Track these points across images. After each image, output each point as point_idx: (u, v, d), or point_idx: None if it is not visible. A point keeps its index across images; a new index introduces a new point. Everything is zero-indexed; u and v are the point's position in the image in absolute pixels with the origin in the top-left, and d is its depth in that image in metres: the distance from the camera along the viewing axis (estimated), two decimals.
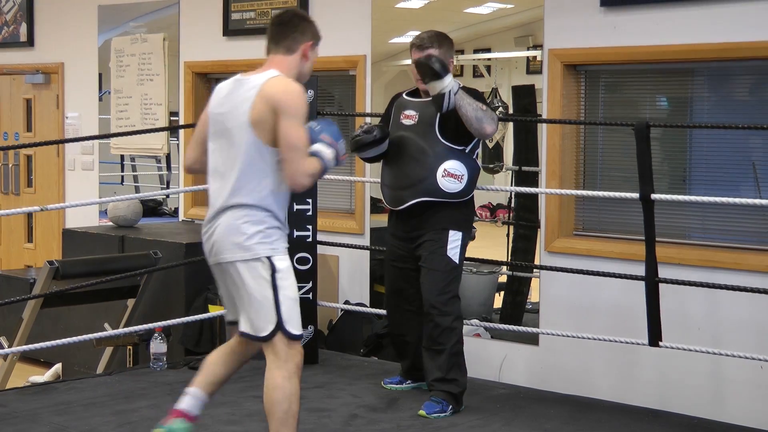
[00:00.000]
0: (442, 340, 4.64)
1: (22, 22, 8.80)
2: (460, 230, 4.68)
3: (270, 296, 3.59)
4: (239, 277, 3.64)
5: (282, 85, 3.64)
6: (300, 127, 3.60)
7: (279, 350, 3.59)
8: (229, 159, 3.67)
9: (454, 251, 4.66)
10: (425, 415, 4.61)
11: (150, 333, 5.52)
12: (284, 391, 3.56)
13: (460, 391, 4.70)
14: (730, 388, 5.03)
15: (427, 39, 4.72)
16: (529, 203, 6.04)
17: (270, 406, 3.58)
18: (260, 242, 3.62)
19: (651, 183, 4.59)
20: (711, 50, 5.05)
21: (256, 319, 3.61)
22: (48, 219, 8.66)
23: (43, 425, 4.47)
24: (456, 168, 4.62)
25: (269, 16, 6.98)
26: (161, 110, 7.67)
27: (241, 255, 3.63)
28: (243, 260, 3.63)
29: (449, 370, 4.65)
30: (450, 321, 4.63)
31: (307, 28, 3.84)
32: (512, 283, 6.21)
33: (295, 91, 3.63)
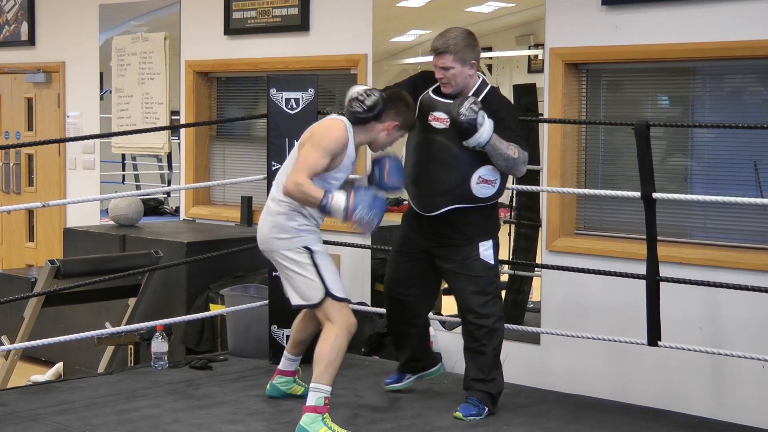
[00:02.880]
0: (485, 341, 4.60)
1: (23, 21, 8.80)
2: (489, 237, 4.66)
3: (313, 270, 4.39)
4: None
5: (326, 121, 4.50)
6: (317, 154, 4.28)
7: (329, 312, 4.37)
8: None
9: (487, 253, 4.63)
10: (462, 418, 4.58)
11: (151, 332, 5.52)
12: (332, 344, 4.28)
13: (498, 391, 4.68)
14: (731, 388, 5.03)
15: (442, 44, 4.55)
16: (530, 202, 6.04)
17: (318, 356, 4.29)
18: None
19: (652, 182, 4.58)
20: (712, 49, 5.05)
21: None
22: (49, 218, 8.67)
23: (44, 424, 4.48)
24: (490, 174, 4.56)
25: (270, 14, 6.99)
26: (162, 109, 7.67)
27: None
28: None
29: (490, 370, 4.63)
30: (492, 322, 4.60)
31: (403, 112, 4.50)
32: (513, 282, 6.20)
33: (334, 126, 4.39)
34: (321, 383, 4.26)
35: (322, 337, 4.35)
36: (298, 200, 4.32)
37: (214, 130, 7.66)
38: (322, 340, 4.33)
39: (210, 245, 6.39)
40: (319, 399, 4.23)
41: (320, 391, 4.25)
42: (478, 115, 4.38)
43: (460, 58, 4.55)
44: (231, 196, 7.44)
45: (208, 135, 7.62)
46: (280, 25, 6.94)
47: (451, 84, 4.59)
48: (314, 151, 4.29)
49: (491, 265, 4.64)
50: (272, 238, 4.42)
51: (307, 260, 4.38)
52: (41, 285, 5.81)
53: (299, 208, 4.38)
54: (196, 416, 4.62)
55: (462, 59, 4.55)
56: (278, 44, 6.96)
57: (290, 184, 4.28)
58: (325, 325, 4.38)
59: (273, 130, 5.56)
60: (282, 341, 5.47)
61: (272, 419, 4.59)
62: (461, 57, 4.55)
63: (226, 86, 7.57)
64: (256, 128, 7.34)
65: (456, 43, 4.55)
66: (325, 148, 4.30)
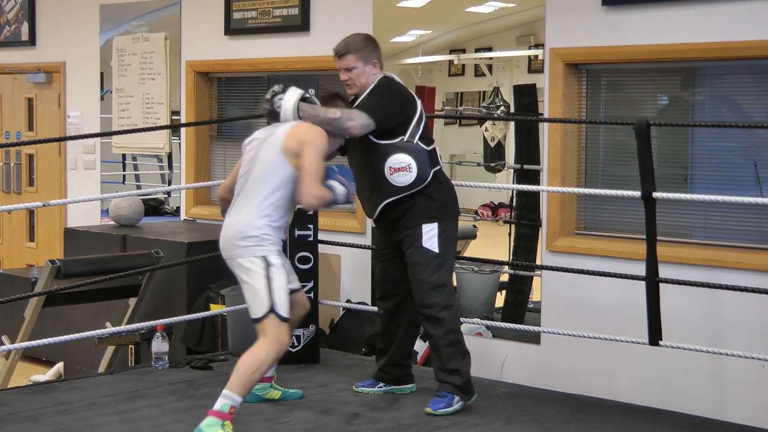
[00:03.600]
0: (431, 331, 4.64)
1: (23, 21, 8.81)
2: (434, 221, 4.66)
3: (263, 283, 4.29)
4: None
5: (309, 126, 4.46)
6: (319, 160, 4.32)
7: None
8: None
9: (430, 241, 4.63)
10: (432, 413, 4.60)
11: (151, 332, 5.52)
12: (257, 358, 4.22)
13: (463, 381, 4.68)
14: (731, 388, 5.03)
15: (342, 47, 4.75)
16: (530, 202, 6.04)
17: (241, 365, 4.20)
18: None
19: (652, 182, 4.58)
20: (712, 49, 5.05)
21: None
22: (50, 218, 8.67)
23: (44, 424, 4.48)
24: (399, 160, 4.61)
25: (270, 15, 6.99)
26: (163, 109, 7.67)
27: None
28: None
29: (449, 360, 4.63)
30: (436, 311, 4.61)
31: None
32: (514, 282, 6.21)
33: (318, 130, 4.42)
34: (233, 392, 4.18)
35: (252, 349, 4.26)
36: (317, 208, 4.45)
37: (214, 130, 7.67)
38: (250, 352, 4.25)
39: (210, 245, 6.35)
40: (225, 406, 4.17)
41: (229, 399, 4.18)
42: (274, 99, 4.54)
43: (361, 57, 4.72)
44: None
45: (208, 135, 7.62)
46: (281, 26, 6.94)
47: (356, 84, 4.74)
48: (318, 159, 4.32)
49: (435, 253, 4.64)
50: (234, 246, 4.33)
51: (260, 270, 4.29)
52: (42, 285, 5.81)
53: (272, 220, 4.34)
54: (196, 416, 4.61)
55: (364, 58, 4.73)
56: (278, 44, 6.96)
57: (313, 199, 4.30)
58: (259, 338, 4.29)
59: None
60: None
61: (272, 419, 4.59)
62: (363, 56, 4.73)
63: (227, 86, 7.57)
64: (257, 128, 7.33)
65: (356, 44, 4.76)
66: (322, 152, 4.37)
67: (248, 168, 4.47)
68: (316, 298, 5.61)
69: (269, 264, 4.29)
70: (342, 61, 4.75)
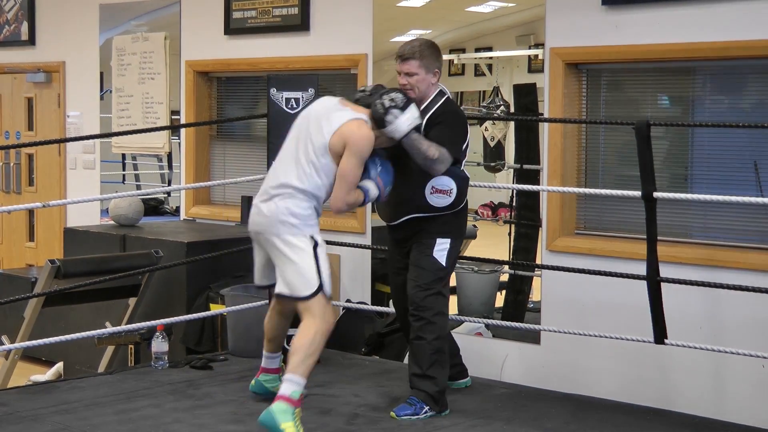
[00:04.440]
0: (421, 333, 4.60)
1: (23, 20, 8.80)
2: (448, 236, 4.67)
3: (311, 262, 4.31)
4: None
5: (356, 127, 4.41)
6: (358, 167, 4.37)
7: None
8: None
9: (440, 254, 4.65)
10: (394, 417, 4.58)
11: (151, 332, 5.52)
12: (312, 339, 4.23)
13: (438, 390, 4.63)
14: (731, 388, 5.03)
15: (408, 50, 4.65)
16: (530, 202, 6.04)
17: (296, 347, 4.23)
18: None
19: (653, 181, 4.58)
20: (712, 49, 5.05)
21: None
22: (49, 218, 8.67)
23: (44, 424, 4.48)
24: (443, 183, 4.61)
25: (270, 14, 6.99)
26: (162, 109, 7.67)
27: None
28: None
29: (429, 366, 4.60)
30: (431, 314, 4.60)
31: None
32: (514, 282, 6.20)
33: (369, 136, 4.39)
34: (297, 374, 4.20)
35: (301, 330, 4.27)
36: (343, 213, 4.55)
37: (214, 129, 7.67)
38: (301, 334, 4.26)
39: (210, 245, 6.39)
40: (294, 393, 4.18)
41: (296, 385, 4.19)
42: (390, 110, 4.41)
43: (425, 65, 4.64)
44: (231, 196, 7.44)
45: (208, 135, 7.62)
46: (280, 25, 6.94)
47: (414, 90, 4.65)
48: (356, 166, 4.36)
49: (441, 265, 4.65)
50: (279, 221, 4.32)
51: (308, 249, 4.31)
52: (41, 285, 5.81)
53: (314, 201, 4.37)
54: (196, 416, 4.62)
55: (427, 66, 4.64)
56: (278, 44, 6.96)
57: (342, 205, 4.40)
58: (305, 318, 4.30)
59: (273, 130, 5.56)
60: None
61: None
62: (426, 64, 4.64)
63: (226, 86, 7.57)
64: (256, 128, 7.35)
65: (422, 50, 4.65)
66: (363, 159, 4.40)
67: (297, 142, 4.46)
68: None
69: (317, 243, 4.33)
70: (404, 65, 4.65)
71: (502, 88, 6.30)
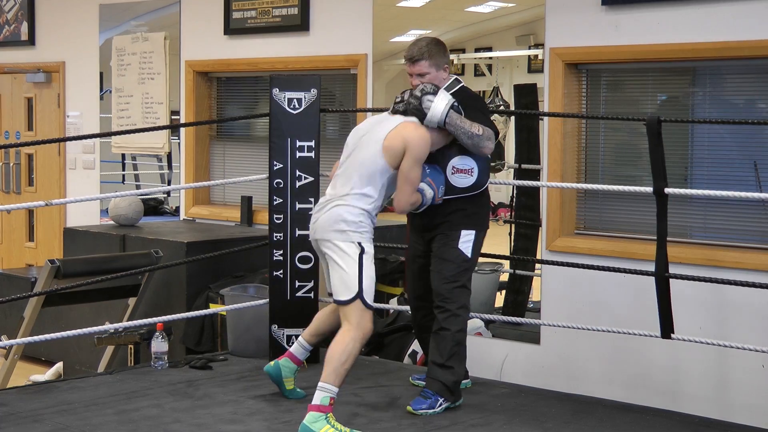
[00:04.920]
0: (446, 325, 4.63)
1: (23, 21, 8.80)
2: (473, 228, 4.71)
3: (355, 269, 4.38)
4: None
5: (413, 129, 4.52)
6: (418, 169, 4.47)
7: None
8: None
9: (465, 245, 4.69)
10: (412, 412, 4.60)
11: (151, 332, 5.52)
12: (345, 347, 4.30)
13: (455, 380, 4.68)
14: (731, 388, 5.03)
15: (417, 52, 4.72)
16: (530, 202, 6.04)
17: (330, 356, 4.30)
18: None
19: (664, 177, 4.57)
20: (712, 49, 5.05)
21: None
22: (49, 218, 8.67)
23: (44, 424, 4.47)
24: (464, 163, 4.65)
25: (270, 14, 6.99)
26: (162, 109, 7.67)
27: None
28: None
29: (450, 357, 4.64)
30: (455, 307, 4.64)
31: None
32: (514, 282, 6.21)
33: (426, 138, 4.50)
34: (329, 383, 4.27)
35: (337, 338, 4.36)
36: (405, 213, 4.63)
37: (214, 129, 7.67)
38: (336, 341, 4.34)
39: (210, 245, 6.39)
40: (324, 398, 4.24)
41: (327, 391, 4.26)
42: (424, 97, 4.54)
43: (434, 63, 4.70)
44: (231, 196, 7.44)
45: (208, 135, 7.62)
46: (280, 25, 6.94)
47: None
48: (416, 167, 4.46)
49: (466, 257, 4.69)
50: (331, 229, 4.41)
51: (354, 256, 4.37)
52: (41, 285, 5.81)
53: (367, 207, 4.44)
54: (196, 416, 4.62)
55: (436, 64, 4.70)
56: (278, 44, 6.96)
57: (406, 206, 4.50)
58: (342, 324, 4.39)
59: (275, 130, 5.56)
60: (282, 341, 5.47)
61: (272, 419, 4.59)
62: (435, 62, 4.70)
63: (226, 86, 7.57)
64: (256, 128, 7.35)
65: (429, 49, 4.71)
66: (422, 159, 4.49)
67: (349, 156, 4.56)
68: (316, 297, 5.60)
69: (363, 251, 4.39)
70: (415, 67, 4.72)
71: (502, 88, 6.31)
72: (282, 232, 5.50)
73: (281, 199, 5.50)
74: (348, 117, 6.62)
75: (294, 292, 5.52)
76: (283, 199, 5.50)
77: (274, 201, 5.51)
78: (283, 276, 5.49)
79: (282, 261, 5.49)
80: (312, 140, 5.53)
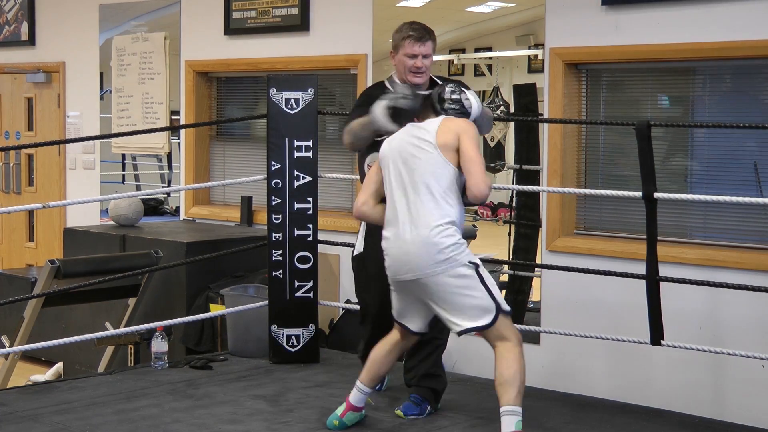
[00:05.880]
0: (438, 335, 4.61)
1: (23, 21, 8.80)
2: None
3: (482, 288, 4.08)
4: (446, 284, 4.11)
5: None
6: (478, 146, 4.17)
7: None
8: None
9: None
10: (402, 416, 4.59)
11: (151, 332, 5.52)
12: (519, 365, 4.09)
13: (443, 387, 4.71)
14: (731, 388, 5.02)
15: (426, 32, 4.60)
16: (530, 202, 6.04)
17: (509, 380, 4.06)
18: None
19: (654, 182, 4.58)
20: (712, 49, 5.05)
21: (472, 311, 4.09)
22: (49, 218, 8.67)
23: (44, 424, 4.48)
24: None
25: (270, 14, 6.99)
26: (162, 109, 7.67)
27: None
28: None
29: (440, 364, 4.67)
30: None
31: None
32: (513, 282, 6.20)
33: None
34: (517, 406, 4.07)
35: (505, 358, 4.09)
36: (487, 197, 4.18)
37: (214, 130, 7.66)
38: (506, 363, 4.08)
39: (210, 245, 6.39)
40: (518, 423, 4.06)
41: (517, 414, 4.07)
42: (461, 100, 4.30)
43: (435, 47, 4.62)
44: (231, 196, 7.44)
45: (208, 135, 7.62)
46: (280, 25, 6.94)
47: (426, 73, 4.61)
48: (478, 146, 4.17)
49: None
50: (433, 260, 4.05)
51: (474, 275, 4.07)
52: (41, 285, 5.81)
53: (456, 223, 4.12)
54: (196, 416, 4.62)
55: (434, 49, 4.62)
56: (278, 44, 6.96)
57: (485, 187, 4.07)
58: (498, 345, 4.12)
59: (273, 130, 5.56)
60: (282, 341, 5.48)
61: (272, 419, 4.59)
62: (435, 47, 4.63)
63: (226, 86, 7.57)
64: (256, 128, 7.35)
65: (432, 33, 4.62)
66: (479, 141, 4.28)
67: (404, 178, 4.17)
68: (315, 297, 5.61)
69: (477, 265, 4.10)
70: (424, 47, 4.56)
71: (502, 89, 6.30)
72: (281, 232, 5.50)
73: (279, 200, 5.51)
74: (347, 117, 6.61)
75: (293, 292, 5.52)
76: (281, 199, 5.51)
77: (273, 201, 5.51)
78: (282, 276, 5.49)
79: (281, 261, 5.50)
80: (310, 140, 5.53)
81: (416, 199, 4.12)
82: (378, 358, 4.39)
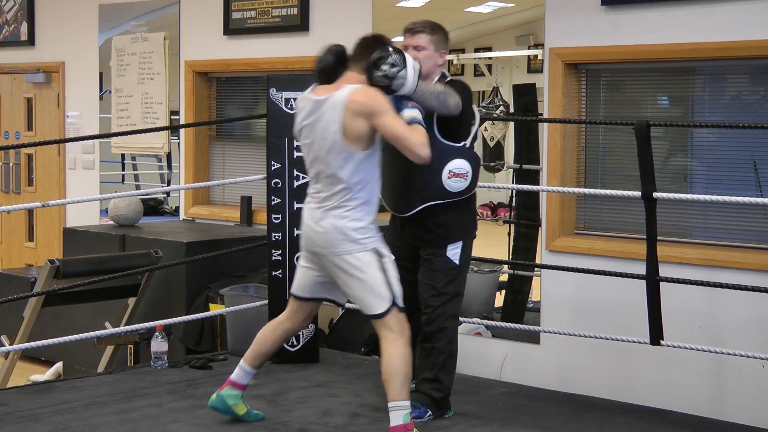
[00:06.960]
0: (433, 339, 4.54)
1: (22, 21, 8.80)
2: (459, 238, 4.56)
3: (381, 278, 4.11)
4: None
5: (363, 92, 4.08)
6: (395, 118, 4.04)
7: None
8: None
9: (453, 253, 4.54)
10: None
11: (151, 332, 5.52)
12: (402, 358, 4.06)
13: (443, 396, 4.60)
14: (731, 387, 5.03)
15: (419, 24, 4.56)
16: (530, 202, 6.04)
17: (392, 372, 4.05)
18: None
19: (653, 182, 4.58)
20: (712, 49, 5.05)
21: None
22: (49, 218, 8.67)
23: (44, 424, 4.47)
24: (461, 166, 4.47)
25: (270, 15, 6.99)
26: (162, 109, 7.67)
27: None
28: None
29: (439, 369, 4.55)
30: (443, 320, 4.52)
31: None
32: (513, 282, 6.20)
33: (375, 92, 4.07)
34: (401, 399, 4.06)
35: (389, 352, 4.08)
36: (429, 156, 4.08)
37: (213, 130, 7.67)
38: (391, 355, 4.07)
39: (210, 245, 6.39)
40: (405, 416, 4.06)
41: (404, 408, 4.06)
42: (396, 78, 4.13)
43: (434, 41, 4.54)
44: (231, 196, 7.44)
45: (207, 135, 7.62)
46: (280, 25, 6.94)
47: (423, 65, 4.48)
48: (394, 116, 4.04)
49: (455, 265, 4.54)
50: (336, 239, 4.08)
51: (375, 263, 4.09)
52: (41, 285, 5.81)
53: (366, 208, 4.10)
54: (196, 416, 4.61)
55: (436, 44, 4.55)
56: (278, 44, 6.96)
57: (420, 150, 4.02)
58: (385, 336, 4.11)
59: (273, 130, 5.56)
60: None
61: (272, 419, 4.59)
62: (435, 41, 4.55)
63: (226, 86, 7.57)
64: (256, 128, 7.35)
65: (432, 27, 4.57)
66: (390, 108, 4.06)
67: (315, 154, 4.15)
68: None
69: (381, 255, 4.11)
70: (414, 39, 4.52)
71: (502, 89, 6.30)
72: (280, 232, 5.50)
73: (279, 199, 5.51)
74: None
75: None
76: (281, 199, 5.50)
77: (273, 201, 5.51)
78: (282, 276, 5.49)
79: (281, 261, 5.49)
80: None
81: (327, 179, 4.13)
82: (260, 338, 4.46)
